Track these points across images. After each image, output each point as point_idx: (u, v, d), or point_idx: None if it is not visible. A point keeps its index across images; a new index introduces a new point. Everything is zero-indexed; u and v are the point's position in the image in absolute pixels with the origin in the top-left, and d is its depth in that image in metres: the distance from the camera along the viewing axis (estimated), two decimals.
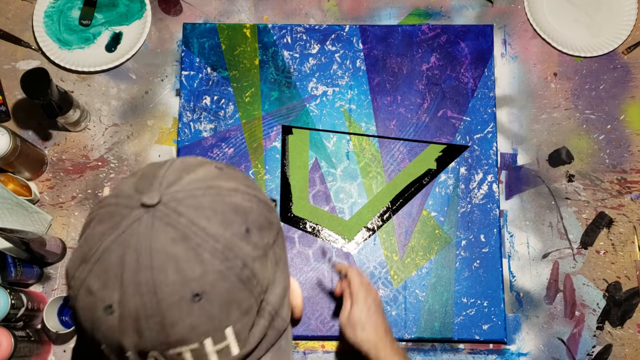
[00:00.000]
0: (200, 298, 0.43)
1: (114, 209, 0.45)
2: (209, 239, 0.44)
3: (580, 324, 1.09)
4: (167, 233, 0.43)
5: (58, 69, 1.19)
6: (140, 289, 0.42)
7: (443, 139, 1.16)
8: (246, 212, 0.47)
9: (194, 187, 0.46)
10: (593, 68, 1.19)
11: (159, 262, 0.43)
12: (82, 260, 0.45)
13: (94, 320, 0.44)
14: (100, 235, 0.44)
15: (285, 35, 1.20)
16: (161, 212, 0.44)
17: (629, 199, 1.14)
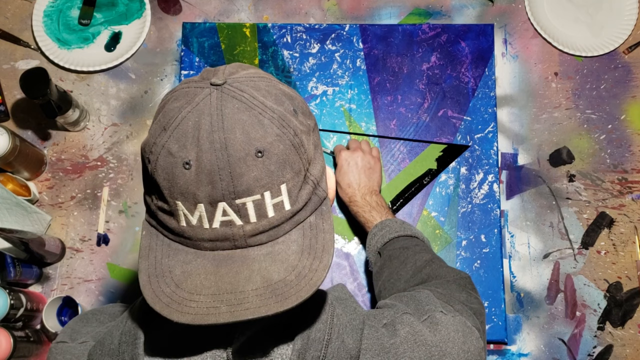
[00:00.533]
0: (262, 155, 0.52)
1: (187, 89, 0.54)
2: (267, 110, 0.53)
3: (581, 324, 1.09)
4: (233, 104, 0.52)
5: (57, 68, 1.19)
6: (214, 146, 0.51)
7: (443, 139, 1.15)
8: (292, 98, 0.57)
9: (250, 76, 0.55)
10: (594, 68, 1.19)
11: (228, 124, 0.51)
12: (162, 129, 0.53)
13: (173, 177, 0.52)
14: (178, 109, 0.53)
15: (285, 34, 1.20)
16: (228, 89, 0.53)
17: (630, 199, 1.14)
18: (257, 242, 0.53)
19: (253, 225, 0.53)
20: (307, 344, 0.55)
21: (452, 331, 0.64)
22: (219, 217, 0.52)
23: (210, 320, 0.50)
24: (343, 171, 1.05)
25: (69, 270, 1.11)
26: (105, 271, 1.11)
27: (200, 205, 0.52)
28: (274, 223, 0.53)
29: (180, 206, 0.53)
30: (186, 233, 0.54)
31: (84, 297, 1.10)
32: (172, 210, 0.54)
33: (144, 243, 0.56)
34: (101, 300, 1.09)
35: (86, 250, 1.12)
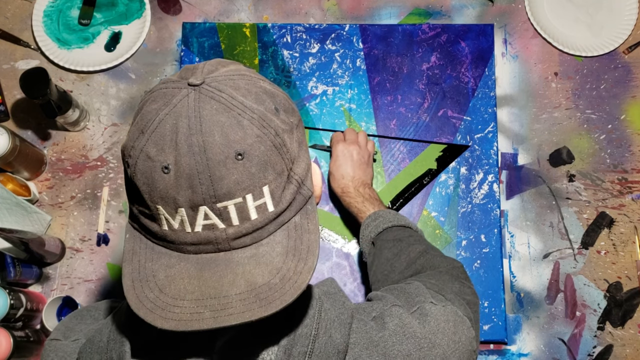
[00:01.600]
0: (242, 157, 0.51)
1: (164, 90, 0.54)
2: (247, 110, 0.52)
3: (581, 324, 1.09)
4: (212, 105, 0.51)
5: (57, 68, 1.19)
6: (193, 149, 0.50)
7: (443, 139, 1.15)
8: (274, 95, 0.56)
9: (230, 74, 0.54)
10: (594, 67, 1.19)
11: (207, 127, 0.51)
12: (140, 132, 0.52)
13: (153, 181, 0.52)
14: (155, 111, 0.52)
15: (285, 34, 1.20)
16: (206, 90, 0.52)
17: (630, 198, 1.14)
18: (240, 245, 0.53)
19: (236, 228, 0.52)
20: (293, 340, 0.55)
21: (442, 322, 0.64)
22: (200, 220, 0.52)
23: (193, 326, 0.49)
24: (338, 163, 1.05)
25: (68, 270, 1.11)
26: (105, 271, 1.11)
27: (181, 210, 0.51)
28: (257, 225, 0.53)
29: (161, 210, 0.52)
30: (168, 237, 0.53)
31: (83, 297, 1.10)
32: (154, 214, 0.53)
33: (128, 247, 0.56)
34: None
35: (86, 250, 1.12)
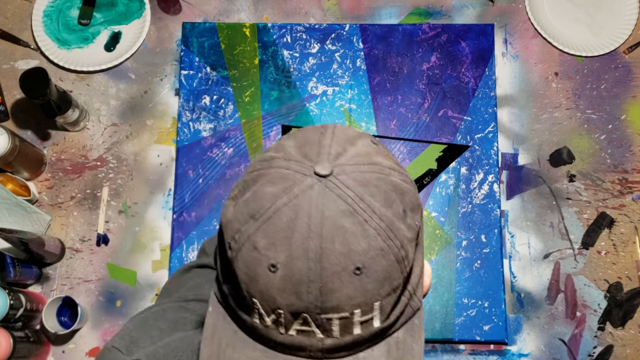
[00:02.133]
0: (360, 272, 0.45)
1: (285, 172, 0.47)
2: (374, 216, 0.46)
3: (581, 324, 1.09)
4: (337, 205, 0.45)
5: (57, 68, 1.19)
6: (308, 255, 0.44)
7: (444, 139, 1.15)
8: (403, 192, 0.49)
9: (358, 162, 0.48)
10: (594, 67, 1.19)
11: (328, 232, 0.45)
12: (251, 217, 0.47)
13: (255, 275, 0.46)
14: (272, 196, 0.46)
15: (285, 34, 1.19)
16: (332, 184, 0.46)
17: (631, 199, 1.14)
18: (335, 357, 0.48)
19: (334, 340, 0.47)
20: None
21: None
22: (297, 325, 0.47)
23: None
24: None
25: (68, 271, 1.11)
26: (105, 271, 1.11)
27: (280, 311, 0.46)
28: (358, 340, 0.47)
29: (257, 304, 0.47)
30: (258, 330, 0.48)
31: (83, 297, 1.09)
32: (247, 304, 0.48)
33: (209, 321, 0.51)
34: (101, 301, 1.09)
35: (86, 251, 1.12)
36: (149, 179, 1.15)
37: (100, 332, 1.08)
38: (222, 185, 1.13)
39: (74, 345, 1.08)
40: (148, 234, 1.12)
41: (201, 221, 1.12)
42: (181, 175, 1.13)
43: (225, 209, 0.50)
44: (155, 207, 1.14)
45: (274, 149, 0.50)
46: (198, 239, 1.11)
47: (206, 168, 1.14)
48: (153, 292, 1.10)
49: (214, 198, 1.13)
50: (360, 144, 0.50)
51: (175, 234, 1.11)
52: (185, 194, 1.13)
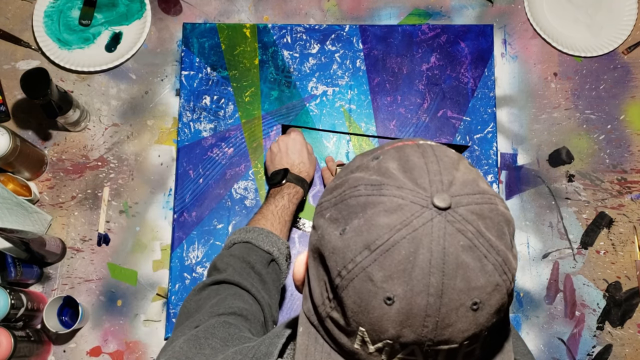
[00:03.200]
0: (477, 308, 0.45)
1: (401, 202, 0.46)
2: (492, 251, 0.45)
3: (580, 324, 1.09)
4: (458, 240, 0.44)
5: (58, 68, 1.19)
6: (429, 290, 0.44)
7: (443, 139, 1.15)
8: (509, 222, 0.49)
9: (471, 192, 0.47)
10: (593, 68, 1.19)
11: (450, 268, 0.44)
12: (366, 247, 0.45)
13: (367, 306, 0.45)
14: (390, 228, 0.45)
15: (285, 35, 1.20)
16: (452, 217, 0.45)
17: (629, 199, 1.14)
18: None
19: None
20: None
21: None
22: (403, 355, 0.46)
23: None
24: None
25: (69, 270, 1.11)
26: (106, 271, 1.11)
27: (388, 342, 0.46)
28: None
29: (363, 333, 0.46)
30: (357, 356, 0.48)
31: (84, 297, 1.10)
32: (350, 330, 0.47)
33: (301, 342, 0.50)
34: (102, 300, 1.10)
35: (87, 250, 1.12)
36: (149, 178, 1.15)
37: (101, 331, 1.09)
38: (222, 185, 1.14)
39: (74, 345, 1.08)
40: (149, 233, 1.13)
41: (202, 221, 1.12)
42: (182, 175, 1.14)
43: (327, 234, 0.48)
44: (156, 207, 1.14)
45: (375, 171, 0.48)
46: (198, 239, 1.11)
47: (207, 168, 1.14)
48: (154, 292, 1.10)
49: (215, 198, 1.13)
50: (462, 168, 0.49)
51: (175, 233, 1.11)
52: (185, 193, 1.13)
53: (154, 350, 1.08)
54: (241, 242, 0.90)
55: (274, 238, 0.92)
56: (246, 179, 1.14)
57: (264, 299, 0.79)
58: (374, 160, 0.50)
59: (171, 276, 1.10)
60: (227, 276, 0.80)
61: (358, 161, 0.52)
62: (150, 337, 1.09)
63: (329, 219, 0.48)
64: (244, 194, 1.14)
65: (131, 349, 1.08)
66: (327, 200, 0.50)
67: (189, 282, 1.09)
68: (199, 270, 1.10)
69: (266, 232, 0.92)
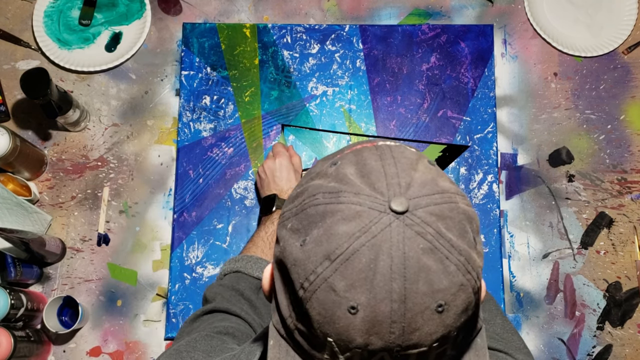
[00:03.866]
0: (442, 310, 0.45)
1: (358, 208, 0.45)
2: (453, 251, 0.45)
3: (580, 324, 1.09)
4: (418, 243, 0.44)
5: (58, 68, 1.19)
6: (392, 296, 0.43)
7: (443, 139, 1.15)
8: (471, 219, 0.48)
9: (430, 192, 0.46)
10: (593, 68, 1.19)
11: (412, 272, 0.44)
12: (326, 257, 0.45)
13: (332, 316, 0.45)
14: (349, 236, 0.44)
15: (285, 35, 1.20)
16: (411, 221, 0.45)
17: (629, 199, 1.14)
18: None
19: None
20: None
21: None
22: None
23: None
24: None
25: (69, 270, 1.11)
26: (106, 271, 1.11)
27: (357, 350, 0.45)
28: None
29: (331, 343, 0.46)
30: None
31: (84, 297, 1.10)
32: (319, 342, 0.47)
33: (273, 355, 0.50)
34: (101, 300, 1.10)
35: (87, 250, 1.12)
36: (149, 178, 1.15)
37: (101, 331, 1.09)
38: (222, 185, 1.14)
39: (74, 345, 1.08)
40: (149, 233, 1.13)
41: (201, 221, 1.12)
42: (182, 175, 1.14)
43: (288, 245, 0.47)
44: (156, 207, 1.14)
45: (333, 177, 0.48)
46: (198, 239, 1.11)
47: (206, 168, 1.14)
48: (154, 292, 1.10)
49: (215, 198, 1.13)
50: (421, 167, 0.48)
51: (175, 233, 1.11)
52: (185, 193, 1.13)
53: (154, 350, 1.08)
54: (231, 272, 0.89)
55: (264, 264, 0.90)
56: (246, 178, 1.14)
57: (254, 320, 0.78)
58: (332, 167, 0.49)
59: (171, 276, 1.10)
60: (216, 304, 0.79)
61: (318, 167, 0.51)
62: (150, 337, 1.09)
63: (290, 229, 0.48)
64: (244, 193, 1.14)
65: (131, 349, 1.08)
66: (288, 210, 0.50)
67: (188, 282, 1.09)
68: (199, 270, 1.10)
69: (255, 259, 0.90)
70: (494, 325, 0.74)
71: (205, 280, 1.09)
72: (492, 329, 0.73)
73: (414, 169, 0.48)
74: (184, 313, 1.08)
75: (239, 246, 1.11)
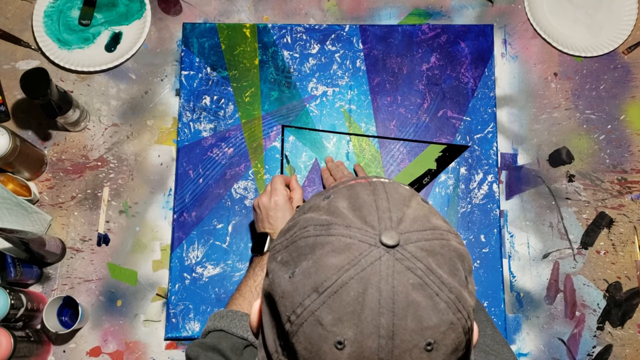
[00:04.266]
0: (431, 348, 0.43)
1: (348, 241, 0.45)
2: (444, 288, 0.44)
3: (580, 324, 1.09)
4: (407, 278, 0.43)
5: (58, 68, 1.19)
6: (379, 332, 0.42)
7: (443, 139, 1.15)
8: (463, 257, 0.47)
9: (421, 228, 0.46)
10: (593, 68, 1.19)
11: (400, 308, 0.43)
12: (314, 290, 0.44)
13: (318, 351, 0.44)
14: (337, 269, 0.44)
15: (285, 35, 1.20)
16: (401, 255, 0.44)
17: (630, 199, 1.14)
18: None
19: None
20: None
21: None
22: None
23: None
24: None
25: (69, 270, 1.11)
26: (106, 271, 1.11)
27: None
28: None
29: None
30: None
31: (84, 297, 1.10)
32: None
33: None
34: (101, 300, 1.10)
35: (86, 250, 1.12)
36: (149, 179, 1.15)
37: (100, 331, 1.09)
38: (222, 185, 1.14)
39: (74, 345, 1.08)
40: (148, 233, 1.13)
41: (201, 221, 1.12)
42: (181, 175, 1.14)
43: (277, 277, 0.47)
44: (156, 207, 1.14)
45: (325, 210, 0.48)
46: (198, 239, 1.11)
47: (206, 168, 1.14)
48: (154, 292, 1.10)
49: (215, 198, 1.13)
50: (414, 204, 0.48)
51: (175, 233, 1.11)
52: (185, 193, 1.13)
53: (153, 350, 1.08)
54: (215, 330, 0.85)
55: None
56: (246, 178, 1.14)
57: None
58: (324, 200, 0.49)
59: (171, 276, 1.10)
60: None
61: (312, 201, 0.51)
62: (150, 337, 1.09)
63: (280, 262, 0.47)
64: (244, 193, 1.14)
65: (131, 349, 1.08)
66: (279, 243, 0.49)
67: (188, 282, 1.09)
68: (199, 270, 1.10)
69: (240, 316, 0.86)
70: (484, 337, 0.73)
71: (205, 280, 1.09)
72: (483, 340, 0.72)
73: (407, 205, 0.47)
74: (184, 313, 1.08)
75: (238, 246, 1.11)
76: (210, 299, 1.09)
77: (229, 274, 1.10)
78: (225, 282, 1.09)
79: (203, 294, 1.09)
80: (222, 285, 1.09)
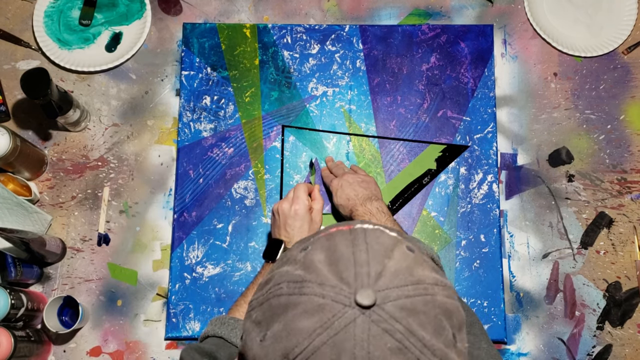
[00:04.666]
0: None
1: (321, 301, 0.41)
2: (426, 352, 0.41)
3: (580, 324, 1.09)
4: (385, 341, 0.40)
5: (58, 68, 1.19)
6: None
7: (443, 139, 1.16)
8: (451, 313, 0.44)
9: (402, 283, 0.42)
10: (593, 68, 1.19)
11: None
12: (284, 356, 0.41)
13: None
14: (309, 333, 0.41)
15: (285, 35, 1.20)
16: (377, 316, 0.40)
17: (629, 199, 1.14)
18: None
19: None
20: None
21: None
22: None
23: None
24: (340, 191, 0.99)
25: (69, 270, 1.11)
26: (106, 271, 1.11)
27: None
28: None
29: None
30: None
31: (84, 297, 1.10)
32: None
33: None
34: (102, 300, 1.10)
35: (87, 250, 1.12)
36: (149, 178, 1.15)
37: (101, 331, 1.09)
38: (222, 185, 1.14)
39: (75, 345, 1.08)
40: (149, 233, 1.13)
41: (202, 221, 1.12)
42: (182, 175, 1.14)
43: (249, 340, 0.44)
44: (156, 207, 1.14)
45: (301, 264, 0.44)
46: (198, 239, 1.11)
47: (207, 168, 1.14)
48: (154, 292, 1.10)
49: (215, 198, 1.13)
50: (397, 254, 0.44)
51: (175, 233, 1.11)
52: (185, 193, 1.13)
53: (154, 350, 1.08)
54: (214, 336, 0.83)
55: None
56: (246, 178, 1.14)
57: None
58: (302, 252, 0.46)
59: (171, 276, 1.10)
60: None
61: (291, 251, 0.48)
62: (150, 337, 1.09)
63: (254, 321, 0.45)
64: (244, 193, 1.14)
65: (131, 349, 1.08)
66: (255, 299, 0.46)
67: (189, 282, 1.09)
68: (199, 270, 1.10)
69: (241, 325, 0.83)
70: (478, 350, 0.72)
71: (205, 280, 1.10)
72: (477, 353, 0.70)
73: (388, 257, 0.44)
74: (184, 313, 1.08)
75: (239, 246, 1.11)
76: (211, 298, 1.09)
77: (229, 273, 1.10)
78: (226, 282, 1.10)
79: (203, 294, 1.09)
80: (222, 285, 1.09)
